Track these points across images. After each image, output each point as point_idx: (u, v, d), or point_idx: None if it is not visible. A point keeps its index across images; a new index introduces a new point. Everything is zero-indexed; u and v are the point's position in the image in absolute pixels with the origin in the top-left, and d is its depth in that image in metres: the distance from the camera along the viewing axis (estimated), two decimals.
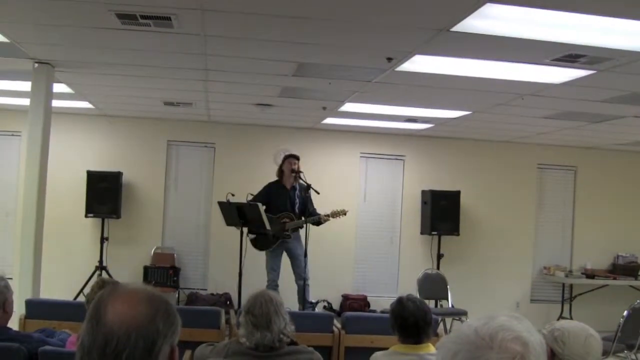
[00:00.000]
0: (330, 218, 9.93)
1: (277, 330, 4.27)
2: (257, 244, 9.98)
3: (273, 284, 9.83)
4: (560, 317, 12.25)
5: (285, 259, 10.13)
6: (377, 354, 4.66)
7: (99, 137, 12.02)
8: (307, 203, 9.93)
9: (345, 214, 10.08)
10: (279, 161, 10.16)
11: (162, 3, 5.40)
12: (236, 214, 9.48)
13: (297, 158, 10.03)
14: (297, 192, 10.03)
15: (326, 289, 11.77)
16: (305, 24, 5.78)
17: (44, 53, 7.50)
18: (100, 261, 11.32)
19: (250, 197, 9.67)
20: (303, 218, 9.85)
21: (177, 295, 11.62)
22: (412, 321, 4.51)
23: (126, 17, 5.70)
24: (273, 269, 10.02)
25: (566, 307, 12.62)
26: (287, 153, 10.16)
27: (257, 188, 10.06)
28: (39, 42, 7.02)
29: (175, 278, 11.59)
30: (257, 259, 10.02)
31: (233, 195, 9.51)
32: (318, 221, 9.87)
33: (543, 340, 1.65)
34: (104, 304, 1.82)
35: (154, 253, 11.95)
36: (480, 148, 12.84)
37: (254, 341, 4.27)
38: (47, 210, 8.45)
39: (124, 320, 1.78)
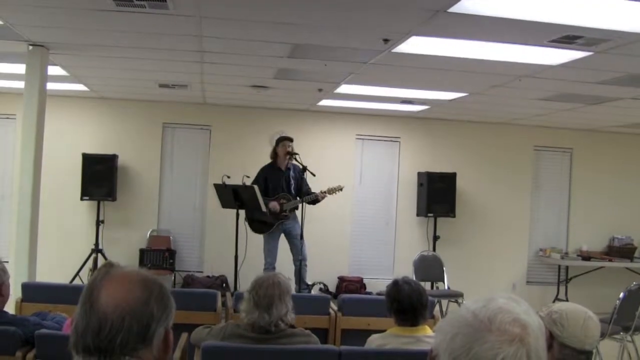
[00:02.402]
0: (327, 194, 9.95)
1: (277, 315, 4.27)
2: (256, 227, 9.99)
3: (270, 267, 9.85)
4: (556, 298, 12.30)
5: (282, 242, 10.14)
6: (374, 336, 4.67)
7: (94, 120, 11.99)
8: (301, 184, 9.95)
9: (341, 190, 10.14)
10: (274, 143, 10.18)
11: None
12: (232, 196, 9.49)
13: (290, 140, 10.04)
14: (291, 172, 10.05)
15: (322, 271, 11.77)
16: (300, 5, 5.75)
17: (38, 35, 7.45)
18: (96, 244, 11.31)
19: (246, 180, 9.67)
20: (299, 198, 9.87)
21: (173, 278, 11.62)
22: (408, 303, 4.51)
23: None
24: (270, 252, 10.04)
25: (562, 288, 12.64)
26: (280, 135, 10.17)
27: (253, 170, 10.07)
28: (33, 24, 6.97)
29: (171, 261, 11.58)
30: (253, 241, 10.02)
31: (229, 177, 9.53)
32: (315, 199, 9.90)
33: (542, 322, 1.63)
34: (98, 288, 1.81)
35: (149, 236, 11.94)
36: (476, 130, 12.82)
37: (251, 319, 4.28)
38: (43, 193, 8.42)
39: (117, 303, 1.77)
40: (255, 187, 9.46)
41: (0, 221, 11.62)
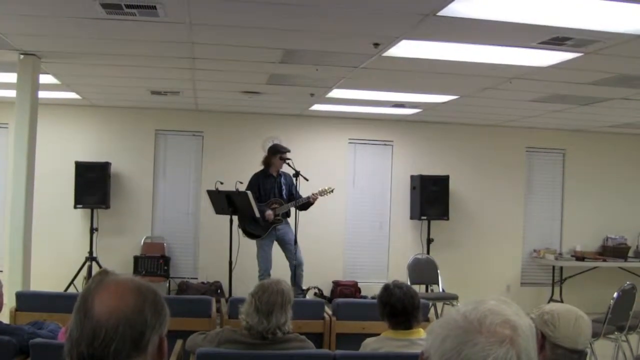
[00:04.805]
0: (319, 196, 9.94)
1: (275, 323, 4.28)
2: (248, 232, 9.98)
3: (265, 274, 9.83)
4: (551, 299, 12.30)
5: (276, 248, 10.13)
6: (368, 340, 4.68)
7: (86, 128, 11.98)
8: (292, 189, 9.97)
9: (332, 191, 10.17)
10: (266, 149, 10.17)
11: None
12: (225, 202, 9.49)
13: (288, 152, 10.02)
14: (282, 178, 10.06)
15: (317, 275, 11.75)
16: (291, 11, 5.76)
17: (29, 44, 7.46)
18: (90, 252, 11.29)
19: (239, 185, 9.66)
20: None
21: (167, 285, 11.62)
22: (400, 307, 4.52)
23: (111, 7, 5.67)
24: (264, 258, 10.01)
25: (556, 289, 12.66)
26: (276, 142, 10.15)
27: (245, 175, 10.05)
28: (24, 33, 6.98)
29: (165, 267, 11.58)
30: (247, 246, 10.02)
31: (222, 183, 9.52)
32: (307, 202, 9.89)
33: (532, 323, 1.64)
34: (92, 296, 1.81)
35: (143, 243, 11.94)
36: (468, 132, 12.84)
37: (250, 322, 4.29)
38: (36, 202, 8.43)
39: (111, 311, 1.77)
40: (249, 192, 9.46)
41: None
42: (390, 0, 5.37)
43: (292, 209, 9.93)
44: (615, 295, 8.06)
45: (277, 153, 10.04)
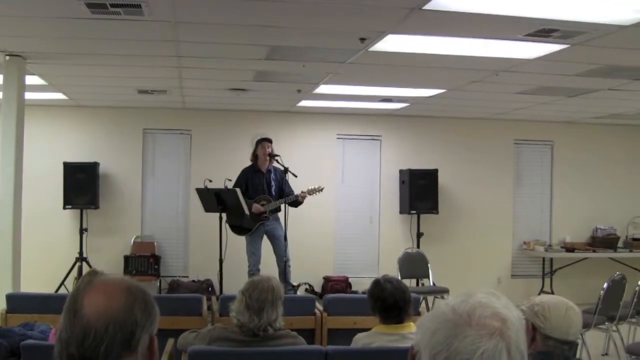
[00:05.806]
0: (307, 195, 9.92)
1: (266, 320, 4.28)
2: (236, 228, 9.97)
3: (254, 269, 9.83)
4: (542, 291, 12.33)
5: (265, 243, 10.13)
6: (360, 335, 4.68)
7: (74, 128, 11.94)
8: (283, 185, 9.95)
9: (321, 190, 10.09)
10: (254, 145, 10.17)
11: None
12: (214, 200, 9.49)
13: (269, 141, 10.02)
14: (272, 175, 10.03)
15: (307, 271, 11.76)
16: (275, 7, 5.76)
17: (14, 45, 7.43)
18: (81, 252, 11.26)
19: (227, 183, 9.65)
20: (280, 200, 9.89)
21: (158, 284, 11.60)
22: (391, 301, 4.52)
23: (96, 6, 5.65)
24: (253, 254, 10.00)
25: (547, 281, 12.69)
26: (259, 137, 10.14)
27: (234, 173, 10.06)
28: (9, 34, 6.94)
29: (156, 266, 11.56)
30: (237, 244, 10.03)
31: (211, 181, 9.50)
32: (295, 200, 9.86)
33: (522, 315, 1.65)
34: (81, 296, 1.81)
35: (134, 242, 11.90)
36: (456, 125, 12.84)
37: (241, 320, 4.29)
38: (25, 203, 8.38)
39: (101, 312, 1.77)
40: (238, 190, 9.45)
41: None
42: None
43: (283, 205, 9.92)
44: (605, 285, 8.09)
45: (258, 142, 10.04)
